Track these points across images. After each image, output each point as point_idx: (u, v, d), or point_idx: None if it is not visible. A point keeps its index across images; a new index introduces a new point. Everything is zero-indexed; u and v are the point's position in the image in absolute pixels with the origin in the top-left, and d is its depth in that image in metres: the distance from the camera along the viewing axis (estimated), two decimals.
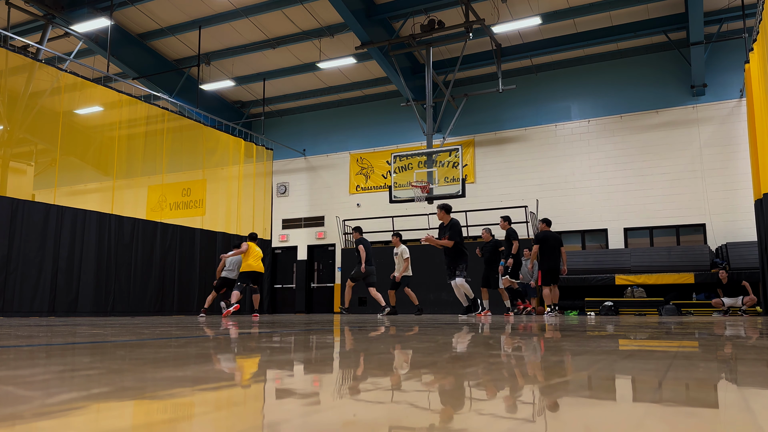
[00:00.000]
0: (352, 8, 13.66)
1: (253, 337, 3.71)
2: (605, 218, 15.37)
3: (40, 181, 12.85)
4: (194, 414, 1.07)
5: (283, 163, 19.45)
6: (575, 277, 14.04)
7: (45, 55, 14.56)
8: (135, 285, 11.99)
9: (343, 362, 2.19)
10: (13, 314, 9.60)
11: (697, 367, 1.86)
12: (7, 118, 10.90)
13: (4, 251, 9.71)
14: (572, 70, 16.44)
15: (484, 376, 1.62)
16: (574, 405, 1.16)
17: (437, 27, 13.90)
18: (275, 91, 18.89)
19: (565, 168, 15.93)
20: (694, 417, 1.03)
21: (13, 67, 10.75)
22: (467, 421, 1.00)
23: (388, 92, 18.32)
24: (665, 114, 15.21)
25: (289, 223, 19.05)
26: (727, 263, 13.19)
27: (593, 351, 2.51)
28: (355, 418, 1.00)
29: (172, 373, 1.68)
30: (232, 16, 15.25)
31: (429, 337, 3.53)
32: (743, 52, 13.05)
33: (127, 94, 13.03)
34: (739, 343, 3.11)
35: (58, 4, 14.23)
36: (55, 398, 1.18)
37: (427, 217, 16.62)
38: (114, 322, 6.95)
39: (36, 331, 4.24)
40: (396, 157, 16.33)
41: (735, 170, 14.20)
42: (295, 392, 1.35)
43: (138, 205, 13.35)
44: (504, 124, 16.89)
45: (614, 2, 13.98)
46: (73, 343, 3.04)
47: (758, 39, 9.88)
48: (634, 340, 3.55)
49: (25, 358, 2.17)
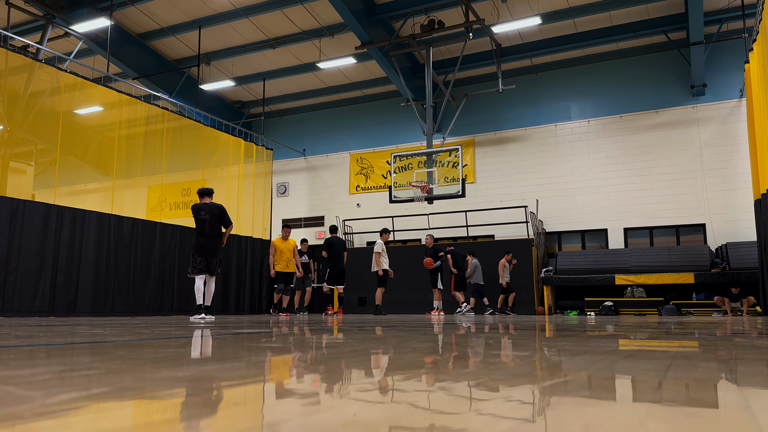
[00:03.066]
0: (352, 8, 13.66)
1: (247, 337, 3.71)
2: (605, 218, 15.37)
3: (40, 181, 12.84)
4: (194, 414, 1.07)
5: (283, 163, 19.45)
6: (575, 277, 14.04)
7: (45, 55, 14.56)
8: (135, 285, 11.98)
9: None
10: (12, 314, 9.60)
11: (697, 367, 1.86)
12: (7, 118, 10.90)
13: (4, 251, 9.71)
14: (572, 70, 16.44)
15: (484, 375, 1.62)
16: (574, 405, 1.16)
17: (437, 27, 13.90)
18: (275, 91, 18.89)
19: (565, 168, 15.93)
20: (694, 417, 1.03)
21: (13, 67, 10.74)
22: (467, 422, 1.00)
23: (388, 92, 18.32)
24: (665, 114, 15.21)
25: (289, 223, 19.03)
26: (727, 263, 13.19)
27: (593, 351, 2.51)
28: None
29: (172, 373, 1.68)
30: (232, 16, 15.25)
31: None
32: (743, 52, 13.05)
33: (127, 94, 13.03)
34: (739, 343, 3.11)
35: (58, 4, 14.23)
36: (55, 398, 1.17)
37: (427, 217, 16.62)
38: (114, 322, 6.95)
39: (36, 331, 4.24)
40: (396, 157, 16.33)
41: (735, 170, 14.20)
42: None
43: (138, 205, 13.34)
44: (504, 124, 16.89)
45: (614, 2, 13.98)
46: (72, 343, 3.04)
47: (758, 39, 9.88)
48: (634, 340, 3.55)
49: (25, 358, 2.17)
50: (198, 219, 8.40)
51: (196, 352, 2.61)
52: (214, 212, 8.40)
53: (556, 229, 15.91)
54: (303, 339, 3.60)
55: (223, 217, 8.48)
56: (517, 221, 15.39)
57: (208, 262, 8.32)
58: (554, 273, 14.41)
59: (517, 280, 14.36)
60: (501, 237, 15.83)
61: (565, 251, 15.44)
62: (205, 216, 8.35)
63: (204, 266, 8.29)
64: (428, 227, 16.57)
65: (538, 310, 14.22)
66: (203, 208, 8.41)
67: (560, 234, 15.95)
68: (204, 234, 8.34)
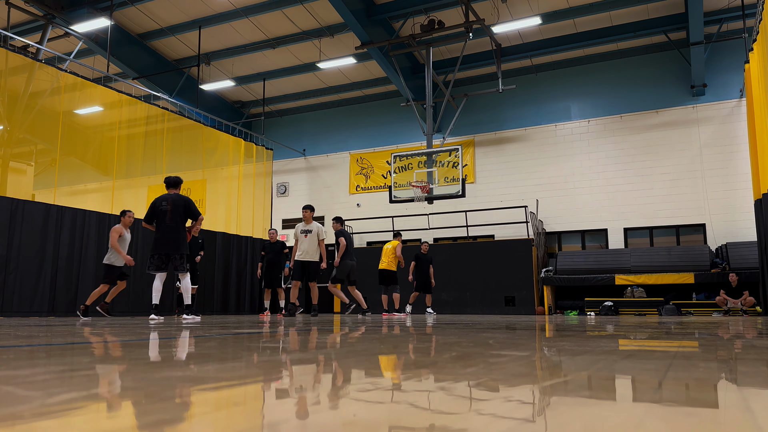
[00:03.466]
0: (352, 8, 13.66)
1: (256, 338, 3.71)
2: (605, 218, 15.38)
3: (40, 181, 12.85)
4: (194, 414, 1.07)
5: (283, 163, 19.45)
6: (575, 277, 14.05)
7: (45, 55, 14.56)
8: (134, 285, 11.98)
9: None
10: (12, 314, 9.60)
11: (697, 367, 1.86)
12: (7, 118, 10.90)
13: (4, 251, 9.71)
14: (572, 70, 16.44)
15: (484, 375, 1.62)
16: (574, 405, 1.16)
17: (437, 27, 13.90)
18: (275, 91, 18.89)
19: (565, 168, 15.93)
20: (694, 417, 1.03)
21: (13, 67, 10.74)
22: (468, 422, 1.00)
23: (388, 92, 18.32)
24: (665, 114, 15.21)
25: (289, 223, 19.04)
26: (727, 263, 13.19)
27: (593, 351, 2.51)
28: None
29: (172, 373, 1.68)
30: (232, 16, 15.25)
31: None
32: (743, 52, 13.05)
33: (127, 94, 13.03)
34: (738, 343, 3.11)
35: (58, 4, 14.23)
36: (55, 398, 1.18)
37: (427, 217, 16.62)
38: (114, 322, 6.95)
39: (36, 331, 4.24)
40: (396, 157, 16.33)
41: (735, 170, 14.20)
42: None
43: (138, 205, 13.33)
44: (504, 124, 16.89)
45: (614, 2, 13.98)
46: (72, 343, 3.04)
47: (758, 39, 9.89)
48: (634, 340, 3.55)
49: (25, 358, 2.17)
50: (159, 210, 7.66)
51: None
52: (177, 203, 7.68)
53: (556, 229, 15.91)
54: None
55: (188, 208, 7.77)
56: (517, 221, 15.38)
57: (168, 258, 7.59)
58: (554, 273, 14.42)
59: (518, 280, 14.37)
60: (501, 237, 15.83)
61: (565, 251, 15.44)
62: (167, 207, 7.64)
63: (161, 263, 7.58)
64: (428, 227, 16.57)
65: (538, 310, 14.22)
66: (165, 198, 7.73)
67: (560, 234, 15.95)
68: (165, 227, 7.60)
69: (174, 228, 7.63)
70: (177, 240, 7.63)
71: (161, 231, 7.61)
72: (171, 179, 7.97)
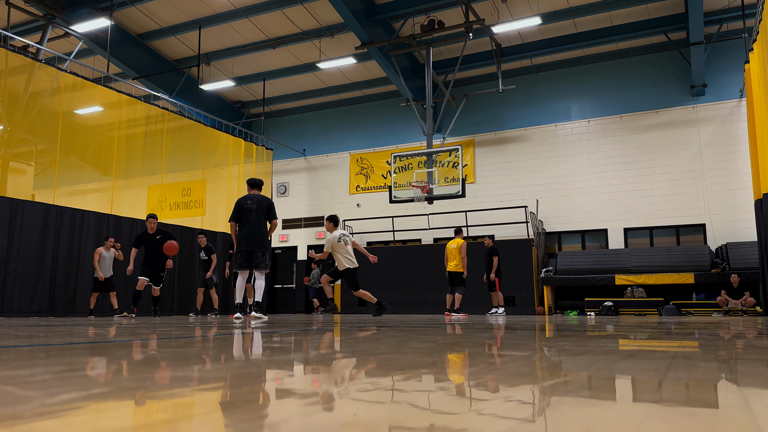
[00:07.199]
0: (352, 8, 13.66)
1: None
2: (605, 218, 15.37)
3: (39, 181, 12.85)
4: (194, 414, 1.07)
5: (283, 163, 19.45)
6: (575, 277, 14.04)
7: (45, 55, 14.56)
8: (134, 285, 11.98)
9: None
10: (12, 314, 9.60)
11: (697, 367, 1.86)
12: (7, 118, 10.90)
13: (4, 251, 9.71)
14: (572, 70, 16.44)
15: (484, 375, 1.62)
16: (574, 405, 1.16)
17: (437, 27, 13.90)
18: (275, 91, 18.89)
19: (565, 168, 15.93)
20: (694, 417, 1.03)
21: (13, 67, 10.75)
22: (468, 422, 1.00)
23: (388, 92, 18.32)
24: (665, 114, 15.21)
25: (289, 223, 19.05)
26: (727, 263, 13.19)
27: (593, 351, 2.51)
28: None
29: (172, 372, 1.68)
30: (232, 16, 15.25)
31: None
32: (743, 52, 13.05)
33: (127, 94, 13.03)
34: (739, 343, 3.11)
35: (58, 4, 14.23)
36: (55, 398, 1.17)
37: (427, 217, 16.62)
38: (114, 322, 6.95)
39: (36, 331, 4.24)
40: (396, 157, 16.33)
41: (735, 170, 14.20)
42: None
43: (138, 205, 13.35)
44: (504, 124, 16.89)
45: (614, 2, 13.97)
46: (72, 343, 3.04)
47: (758, 39, 9.89)
48: (634, 340, 3.55)
49: (25, 358, 2.17)
50: (244, 209, 7.77)
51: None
52: (261, 203, 7.82)
53: (556, 229, 15.91)
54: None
55: (271, 209, 7.91)
56: (517, 221, 15.38)
57: (251, 255, 7.65)
58: (554, 273, 14.41)
59: (518, 280, 14.37)
60: (501, 237, 15.81)
61: (565, 251, 15.44)
62: (252, 205, 7.76)
63: (244, 260, 7.65)
64: (428, 227, 16.57)
65: (538, 310, 14.22)
66: (251, 198, 7.87)
67: (560, 234, 15.95)
68: (250, 225, 7.69)
69: (258, 226, 7.76)
70: (261, 238, 7.77)
71: (246, 229, 7.72)
72: (254, 180, 8.21)
